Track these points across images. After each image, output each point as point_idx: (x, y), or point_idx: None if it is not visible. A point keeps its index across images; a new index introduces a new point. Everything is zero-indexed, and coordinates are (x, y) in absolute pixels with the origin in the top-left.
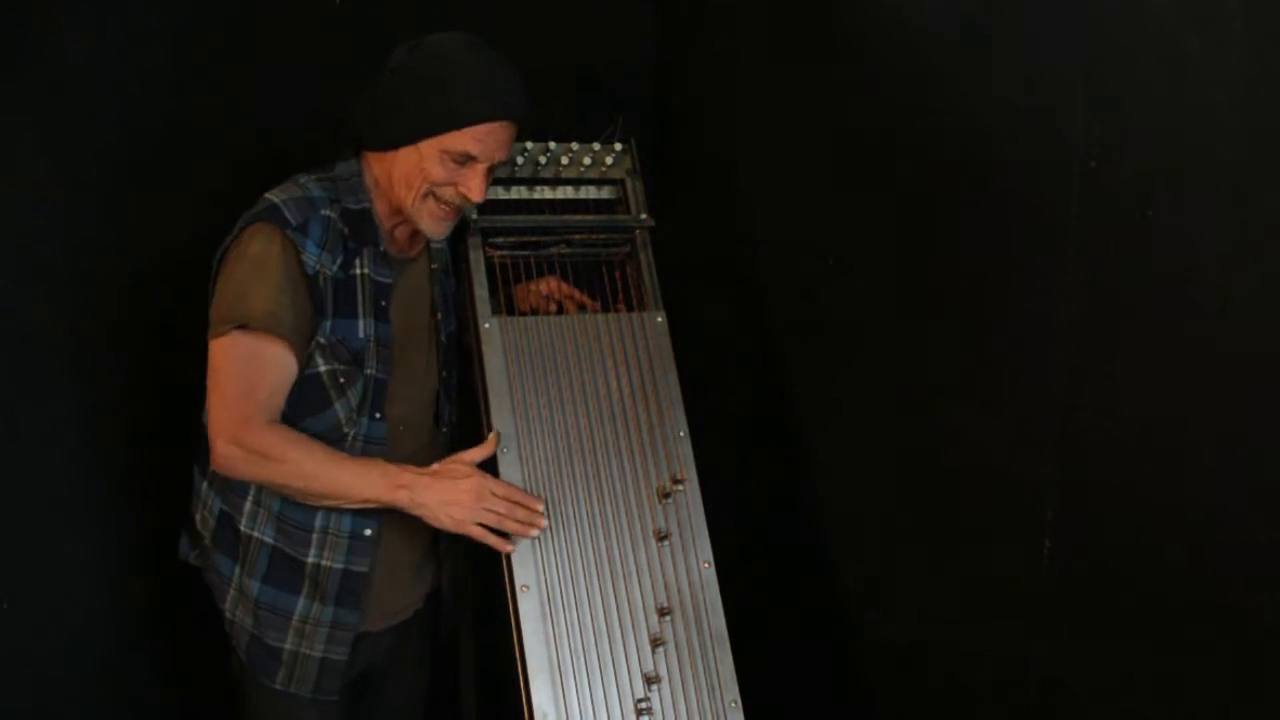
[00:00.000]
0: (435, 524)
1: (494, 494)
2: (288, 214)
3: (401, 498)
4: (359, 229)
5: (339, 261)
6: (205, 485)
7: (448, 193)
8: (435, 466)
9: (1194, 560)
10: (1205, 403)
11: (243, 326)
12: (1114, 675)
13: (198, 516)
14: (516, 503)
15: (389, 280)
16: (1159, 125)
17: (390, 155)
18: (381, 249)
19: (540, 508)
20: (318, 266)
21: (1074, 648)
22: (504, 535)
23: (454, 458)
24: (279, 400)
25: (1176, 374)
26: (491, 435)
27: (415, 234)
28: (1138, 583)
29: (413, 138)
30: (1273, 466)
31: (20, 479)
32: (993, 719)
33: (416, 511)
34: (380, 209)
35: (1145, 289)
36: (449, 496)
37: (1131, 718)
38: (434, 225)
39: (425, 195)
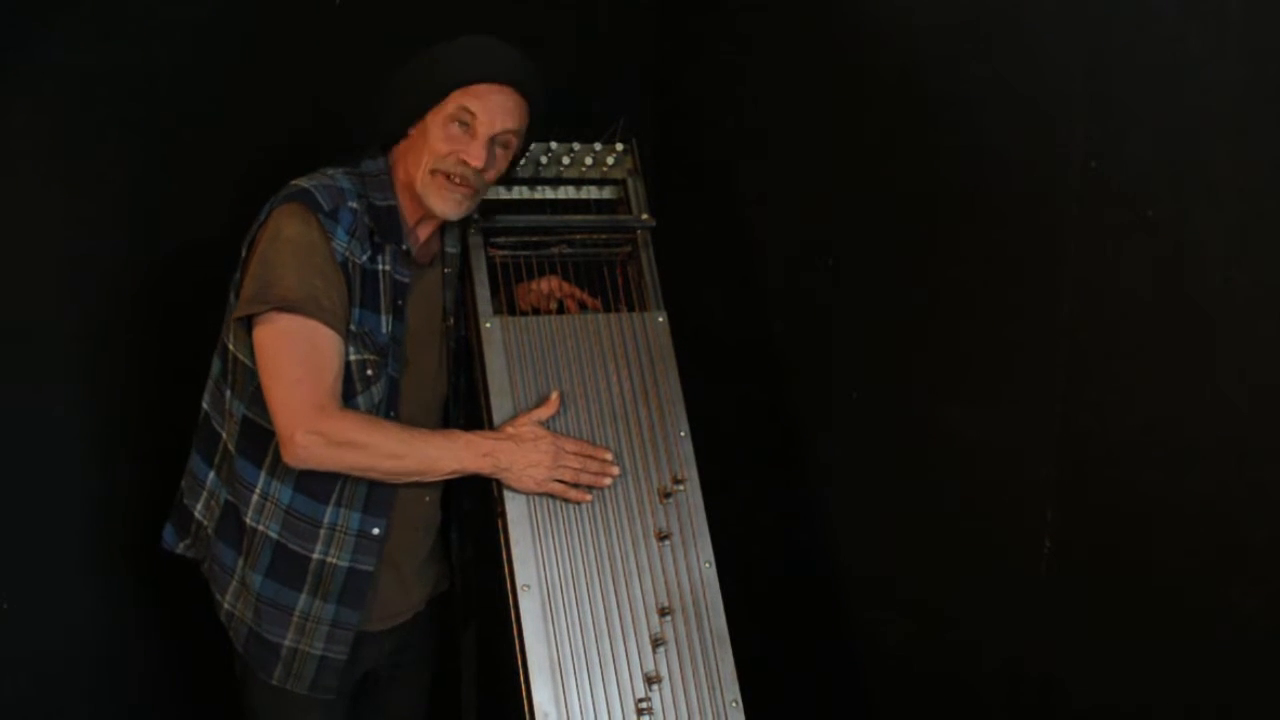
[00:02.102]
0: (518, 486)
1: (566, 451)
2: (320, 198)
3: (485, 465)
4: (384, 226)
5: (367, 254)
6: (212, 474)
7: (450, 163)
8: (508, 429)
9: (1194, 560)
10: (1205, 403)
11: (284, 309)
12: (1113, 675)
13: (199, 505)
14: (589, 456)
15: (407, 280)
16: (1159, 125)
17: (406, 145)
18: (405, 247)
19: (609, 457)
20: (347, 254)
21: (1074, 647)
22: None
23: (523, 418)
24: (340, 386)
25: (1176, 374)
26: (554, 395)
27: (432, 238)
28: (1137, 583)
29: (419, 111)
30: (1271, 466)
31: (20, 479)
32: (992, 718)
33: (499, 475)
34: (405, 207)
35: (1145, 289)
36: (530, 459)
37: (1131, 717)
38: (442, 203)
39: (433, 171)
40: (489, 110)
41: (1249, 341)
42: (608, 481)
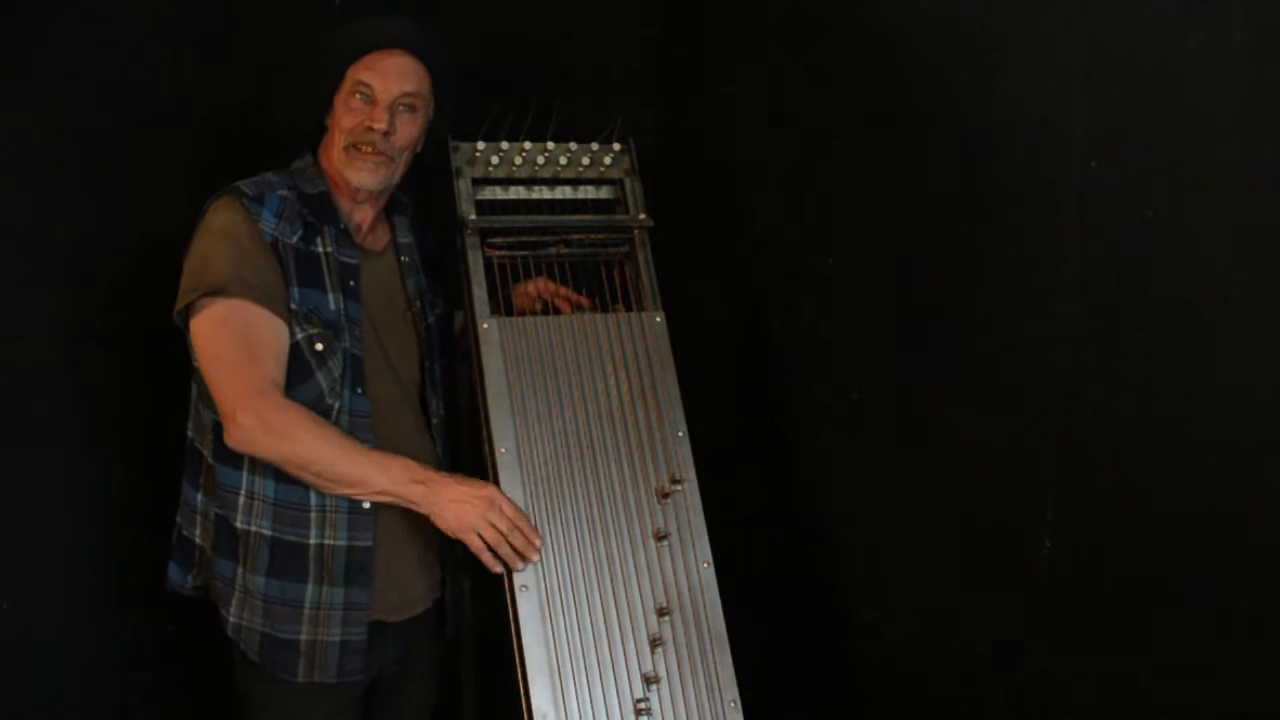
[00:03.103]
0: (440, 522)
1: (502, 511)
2: (245, 188)
3: (416, 492)
4: (317, 208)
5: (299, 234)
6: (201, 496)
7: (358, 134)
8: (459, 477)
9: (1194, 560)
10: (1205, 403)
11: (214, 293)
12: (1113, 675)
13: (197, 531)
14: (519, 529)
15: (355, 261)
16: (1159, 125)
17: (327, 137)
18: (342, 227)
19: (538, 544)
20: (276, 234)
21: (1074, 647)
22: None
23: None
24: (282, 369)
25: (1176, 374)
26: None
27: (379, 225)
28: (1137, 582)
29: (326, 99)
30: (1272, 466)
31: (20, 480)
32: (992, 718)
33: (427, 508)
34: (338, 194)
35: (1145, 289)
36: (461, 497)
37: (1131, 717)
38: (356, 174)
39: (345, 147)
40: (383, 76)
41: (1249, 341)
42: (519, 564)
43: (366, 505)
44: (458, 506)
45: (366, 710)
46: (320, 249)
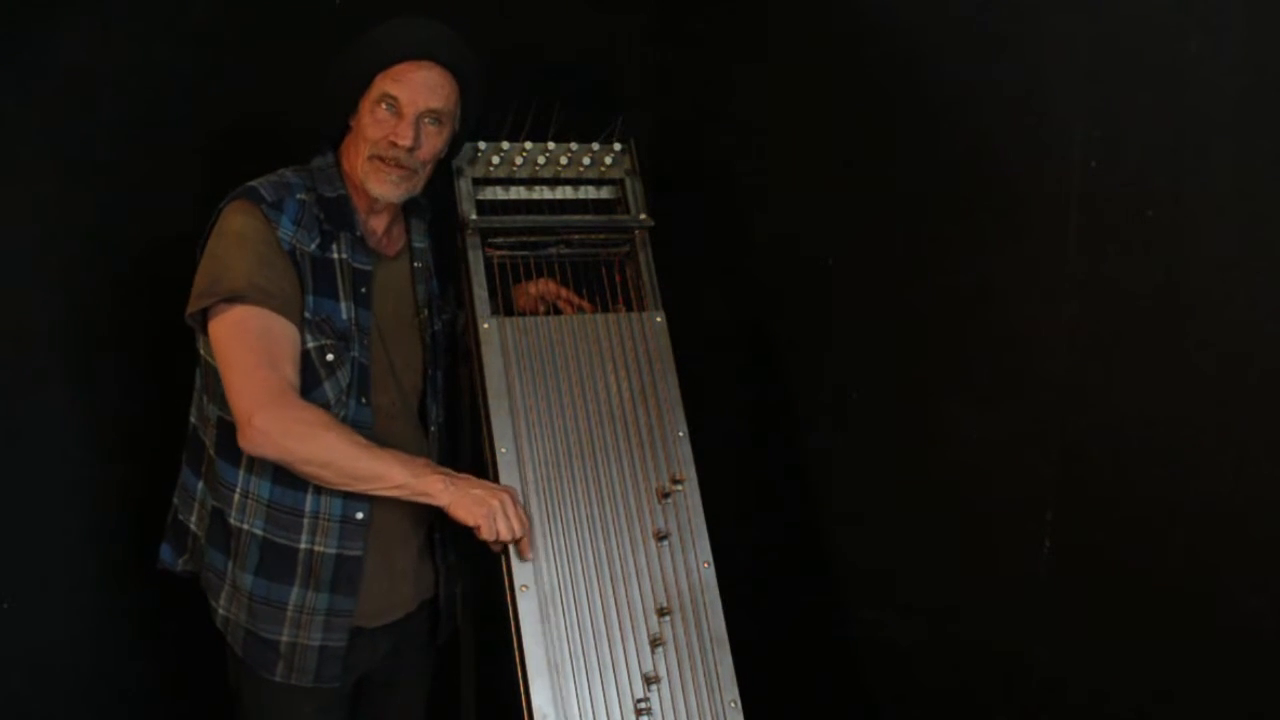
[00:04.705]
0: (458, 511)
1: (514, 509)
2: (263, 192)
3: (436, 482)
4: (334, 214)
5: (316, 242)
6: (200, 484)
7: (383, 147)
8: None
9: (1194, 560)
10: (1205, 403)
11: (232, 299)
12: (1114, 675)
13: (193, 516)
14: (524, 533)
15: (368, 268)
16: (1159, 125)
17: (349, 138)
18: (358, 234)
19: (528, 557)
20: (293, 242)
21: (1074, 647)
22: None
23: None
24: (298, 372)
25: (1176, 374)
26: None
27: (395, 229)
28: (1137, 583)
29: (352, 101)
30: (1272, 466)
31: (20, 479)
32: (992, 718)
33: (446, 498)
34: (356, 198)
35: (1145, 289)
36: (478, 490)
37: (1131, 717)
38: (379, 186)
39: (369, 157)
40: (411, 90)
41: (1249, 342)
42: (511, 545)
43: (360, 515)
44: (475, 492)
45: (358, 705)
46: (336, 255)
